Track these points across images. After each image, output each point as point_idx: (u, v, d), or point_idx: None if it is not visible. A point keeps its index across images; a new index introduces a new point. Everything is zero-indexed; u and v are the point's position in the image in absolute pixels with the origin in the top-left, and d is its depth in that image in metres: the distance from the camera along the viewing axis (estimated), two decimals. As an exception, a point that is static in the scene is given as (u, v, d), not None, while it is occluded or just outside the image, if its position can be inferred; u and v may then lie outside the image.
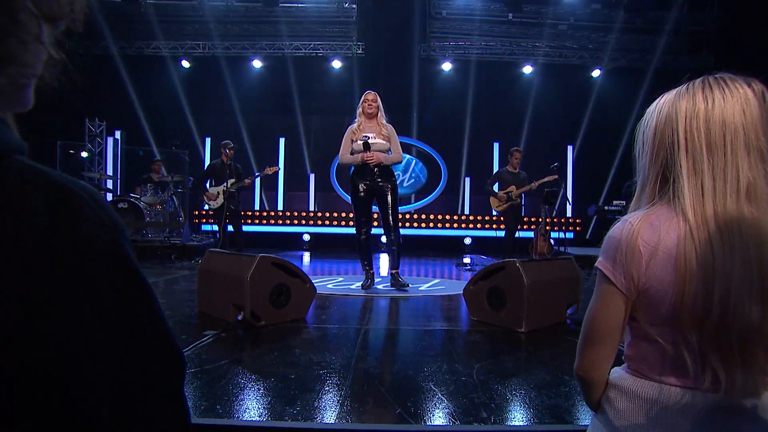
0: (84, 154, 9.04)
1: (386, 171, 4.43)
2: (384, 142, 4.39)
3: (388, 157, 4.39)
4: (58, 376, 0.36)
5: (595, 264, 0.84)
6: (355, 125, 4.48)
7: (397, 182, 4.61)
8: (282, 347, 2.47)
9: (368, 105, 4.41)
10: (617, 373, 0.86)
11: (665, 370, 0.79)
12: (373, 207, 4.54)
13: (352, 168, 4.53)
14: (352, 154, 4.43)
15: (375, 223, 4.69)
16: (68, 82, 0.47)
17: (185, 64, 10.62)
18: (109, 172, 9.58)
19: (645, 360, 0.81)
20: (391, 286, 4.47)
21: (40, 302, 0.36)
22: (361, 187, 4.40)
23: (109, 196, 8.16)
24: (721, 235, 0.72)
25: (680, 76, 0.83)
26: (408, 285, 4.47)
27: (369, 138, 4.32)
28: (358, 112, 4.50)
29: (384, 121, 4.48)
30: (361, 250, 4.52)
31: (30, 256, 0.36)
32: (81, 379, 0.37)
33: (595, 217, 9.73)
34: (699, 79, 0.79)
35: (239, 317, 2.95)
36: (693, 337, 0.74)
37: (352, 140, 4.42)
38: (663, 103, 0.82)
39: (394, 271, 4.50)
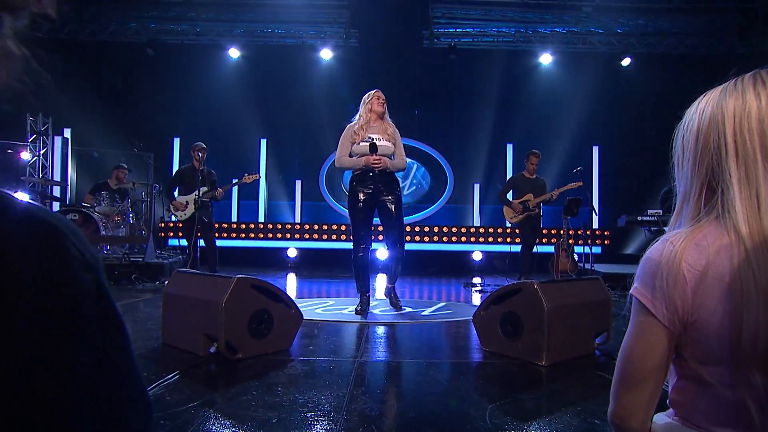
0: (25, 156, 8.97)
1: (390, 178, 4.49)
2: (389, 144, 4.46)
3: (393, 163, 4.47)
4: (39, 428, 0.38)
5: (630, 291, 0.83)
6: (357, 124, 4.52)
7: (404, 195, 4.72)
8: (262, 385, 2.44)
9: (381, 102, 4.52)
10: (662, 421, 0.84)
11: (722, 419, 0.77)
12: (375, 219, 4.60)
13: (350, 174, 4.57)
14: (351, 156, 4.47)
15: (372, 237, 4.71)
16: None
17: (149, 51, 10.64)
18: (56, 177, 9.51)
19: (696, 406, 0.79)
20: (386, 296, 4.75)
21: (29, 352, 0.38)
22: (362, 195, 4.42)
23: (56, 206, 8.11)
24: None
25: (726, 63, 0.82)
26: (401, 306, 4.66)
27: (373, 139, 4.37)
28: (362, 109, 4.56)
29: (390, 122, 4.60)
30: (357, 269, 4.51)
31: (19, 302, 0.37)
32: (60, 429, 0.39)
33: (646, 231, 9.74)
34: (749, 74, 0.79)
35: (212, 350, 2.92)
36: (757, 379, 0.72)
37: (352, 142, 4.45)
38: (706, 102, 0.81)
39: (390, 285, 4.69)
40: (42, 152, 9.33)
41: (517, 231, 7.84)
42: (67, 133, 9.92)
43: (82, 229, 7.26)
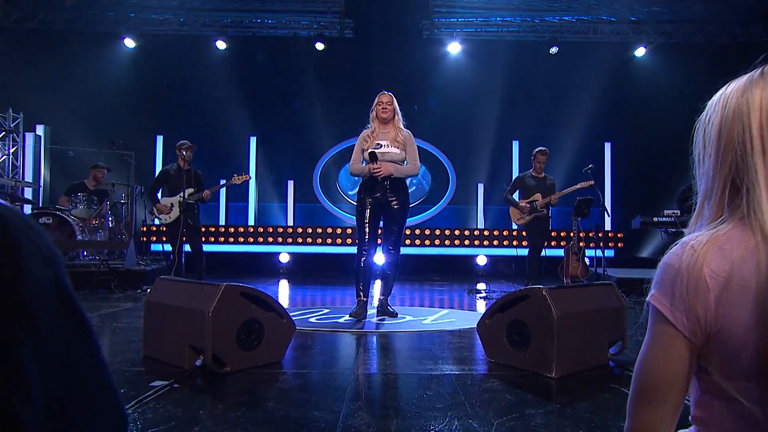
0: None
1: (398, 185, 4.74)
2: (398, 150, 4.70)
3: (400, 169, 4.70)
4: None
5: (647, 298, 0.82)
6: (369, 131, 4.81)
7: (410, 199, 4.94)
8: (252, 400, 2.43)
9: (382, 108, 4.74)
10: (685, 440, 0.83)
11: None
12: (380, 224, 4.83)
13: (360, 180, 4.84)
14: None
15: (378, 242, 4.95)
16: None
17: (129, 43, 10.62)
18: (28, 177, 9.47)
19: (721, 424, 0.78)
20: (378, 314, 4.74)
21: None
22: (368, 201, 4.69)
23: (28, 209, 8.08)
24: None
25: (749, 51, 0.81)
26: (396, 314, 4.74)
27: (380, 146, 4.63)
28: (371, 116, 4.84)
29: (401, 126, 4.81)
30: (359, 274, 4.71)
31: None
32: None
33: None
34: None
35: (198, 362, 2.91)
36: None
37: (363, 149, 4.71)
38: (730, 93, 0.80)
39: (383, 298, 4.80)
40: (12, 151, 9.27)
41: (524, 233, 7.84)
42: (40, 130, 9.82)
43: (57, 233, 7.25)
